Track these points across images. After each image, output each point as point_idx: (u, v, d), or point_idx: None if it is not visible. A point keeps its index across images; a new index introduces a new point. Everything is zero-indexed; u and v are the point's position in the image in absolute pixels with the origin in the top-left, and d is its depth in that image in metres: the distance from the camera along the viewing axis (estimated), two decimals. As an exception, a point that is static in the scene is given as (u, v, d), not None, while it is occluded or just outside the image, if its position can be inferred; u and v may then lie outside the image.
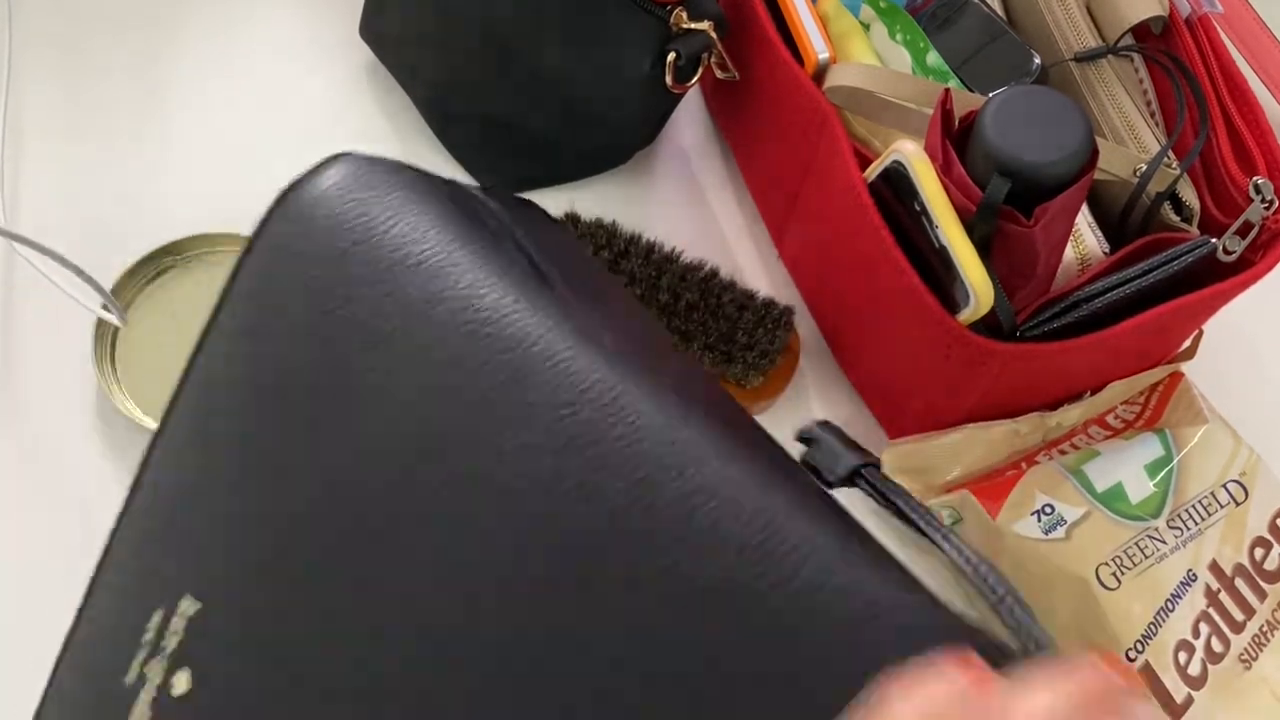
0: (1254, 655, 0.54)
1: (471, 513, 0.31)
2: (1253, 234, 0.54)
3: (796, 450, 0.40)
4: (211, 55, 0.73)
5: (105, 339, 0.61)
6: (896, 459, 0.58)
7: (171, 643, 0.34)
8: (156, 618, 0.34)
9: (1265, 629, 0.54)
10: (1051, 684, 0.27)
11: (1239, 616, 0.54)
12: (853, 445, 0.43)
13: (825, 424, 0.45)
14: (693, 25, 0.59)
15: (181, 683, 0.33)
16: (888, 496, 0.40)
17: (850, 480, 0.43)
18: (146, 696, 0.34)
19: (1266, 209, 0.54)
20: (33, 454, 0.60)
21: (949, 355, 0.53)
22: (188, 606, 0.34)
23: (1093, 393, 0.60)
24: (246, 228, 0.64)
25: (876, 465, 0.43)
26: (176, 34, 0.73)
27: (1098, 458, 0.58)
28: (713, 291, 0.61)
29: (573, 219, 0.62)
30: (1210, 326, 0.61)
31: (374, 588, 0.31)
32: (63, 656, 0.37)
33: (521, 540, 0.30)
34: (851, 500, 0.38)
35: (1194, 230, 0.56)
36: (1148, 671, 0.53)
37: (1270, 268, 0.54)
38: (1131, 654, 0.53)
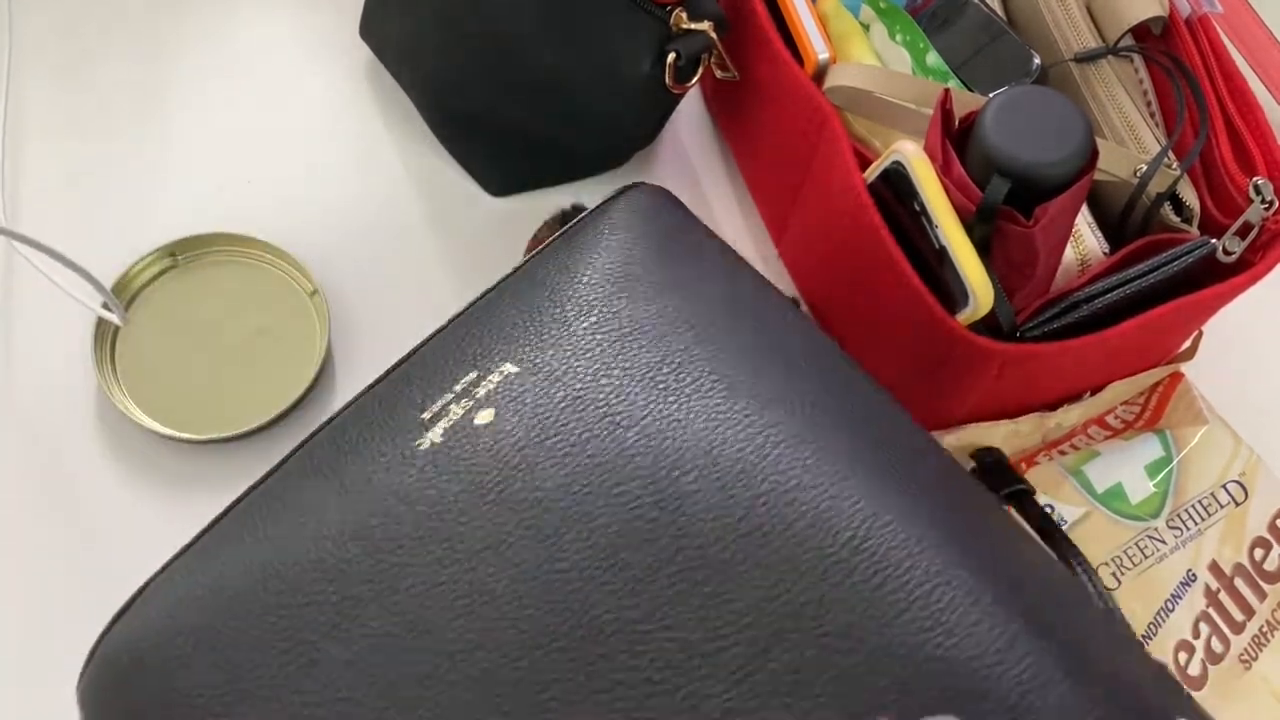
0: (1254, 655, 0.54)
1: None
2: (1252, 235, 0.54)
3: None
4: (211, 55, 0.73)
5: (105, 338, 0.61)
6: (896, 459, 0.58)
7: (482, 391, 0.41)
8: (472, 375, 0.42)
9: (1265, 629, 0.54)
10: None
11: (1239, 617, 0.54)
12: (1012, 475, 0.53)
13: (990, 450, 0.53)
14: (692, 25, 0.59)
15: (485, 416, 0.41)
16: (1043, 525, 0.49)
17: (1008, 500, 0.52)
18: (444, 425, 0.41)
19: (1266, 209, 0.54)
20: (33, 454, 0.60)
21: (949, 355, 0.53)
22: (509, 368, 0.42)
23: (1093, 393, 0.60)
24: (246, 228, 0.65)
25: (1032, 492, 0.51)
26: (176, 34, 0.74)
27: (1097, 458, 0.58)
28: None
29: (577, 209, 0.62)
30: (1211, 327, 0.61)
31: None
32: (366, 397, 0.43)
33: None
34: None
35: (1194, 231, 0.56)
36: (1147, 672, 0.53)
37: (1270, 268, 0.53)
38: (1131, 654, 0.54)
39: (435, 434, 0.41)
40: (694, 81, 0.62)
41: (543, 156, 0.67)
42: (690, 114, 0.74)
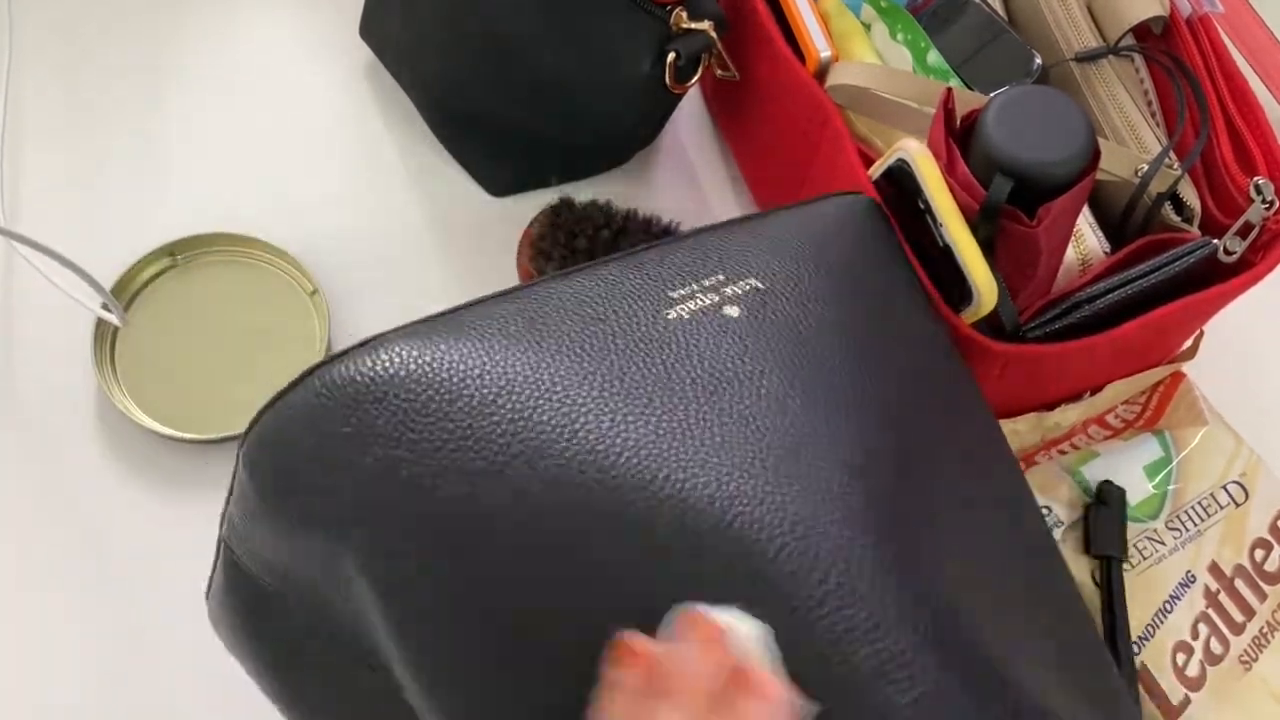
0: (1254, 656, 0.54)
1: None
2: (1253, 234, 0.54)
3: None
4: (211, 56, 0.73)
5: (105, 339, 0.61)
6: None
7: (730, 290, 0.44)
8: (720, 276, 0.45)
9: (1265, 630, 0.54)
10: None
11: (1239, 618, 0.54)
12: (1122, 537, 0.56)
13: (1123, 496, 0.56)
14: (693, 25, 0.59)
15: (733, 311, 0.43)
16: (1112, 593, 0.53)
17: (1100, 557, 0.55)
18: (692, 306, 0.43)
19: (1267, 209, 0.54)
20: (33, 453, 0.60)
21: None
22: (755, 283, 0.45)
23: (1093, 393, 0.60)
24: (246, 228, 0.65)
25: (1124, 559, 0.54)
26: (176, 35, 0.73)
27: (1096, 459, 0.58)
28: None
29: (567, 204, 0.62)
30: (1212, 327, 0.61)
31: None
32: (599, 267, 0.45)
33: None
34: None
35: (1195, 231, 0.56)
36: (1143, 673, 0.53)
37: (1271, 268, 0.54)
38: (1129, 654, 0.54)
39: (683, 310, 0.43)
40: (694, 81, 0.62)
41: (543, 156, 0.67)
42: (690, 114, 0.73)
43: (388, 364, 0.39)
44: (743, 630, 0.34)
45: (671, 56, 0.60)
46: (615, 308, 0.43)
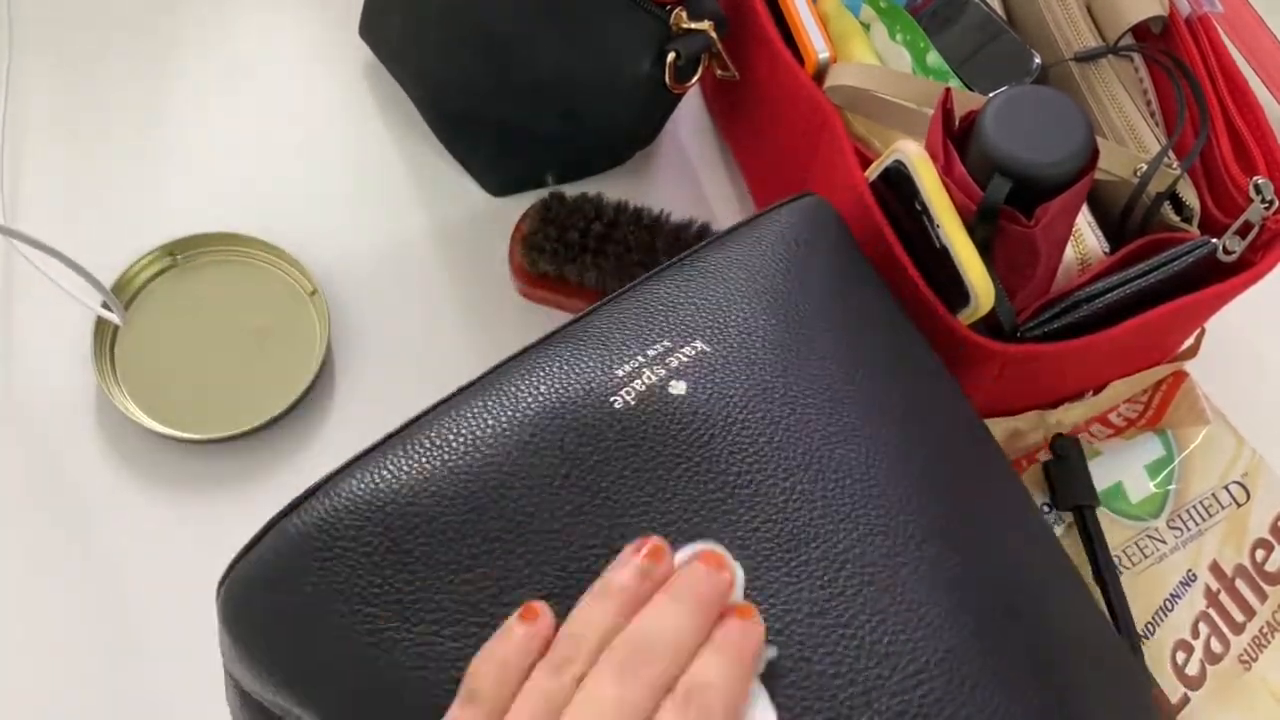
0: (1254, 656, 0.54)
1: None
2: (1253, 234, 0.54)
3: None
4: (211, 56, 0.73)
5: (105, 338, 0.61)
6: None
7: (675, 361, 0.42)
8: (665, 344, 0.43)
9: (1265, 630, 0.54)
10: None
11: (1239, 617, 0.54)
12: (1088, 482, 0.55)
13: (1078, 445, 0.55)
14: (692, 25, 0.59)
15: (680, 388, 0.41)
16: (1091, 540, 0.51)
17: (1070, 509, 0.54)
18: (638, 386, 0.41)
19: (1267, 209, 0.54)
20: (33, 453, 0.60)
21: (949, 355, 0.53)
22: (700, 345, 0.42)
23: (1095, 392, 0.60)
24: (246, 228, 0.65)
25: (1095, 506, 0.53)
26: (176, 35, 0.74)
27: (1098, 457, 0.58)
28: None
29: (558, 198, 0.63)
30: (1214, 326, 0.60)
31: None
32: (543, 345, 0.44)
33: None
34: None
35: (1194, 230, 0.56)
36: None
37: (1270, 268, 0.53)
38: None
39: (628, 395, 0.41)
40: (694, 81, 0.62)
41: (542, 156, 0.67)
42: (690, 114, 0.74)
43: (338, 511, 0.39)
44: (737, 569, 0.37)
45: (671, 56, 0.60)
46: (566, 413, 0.41)
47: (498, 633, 0.35)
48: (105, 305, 0.61)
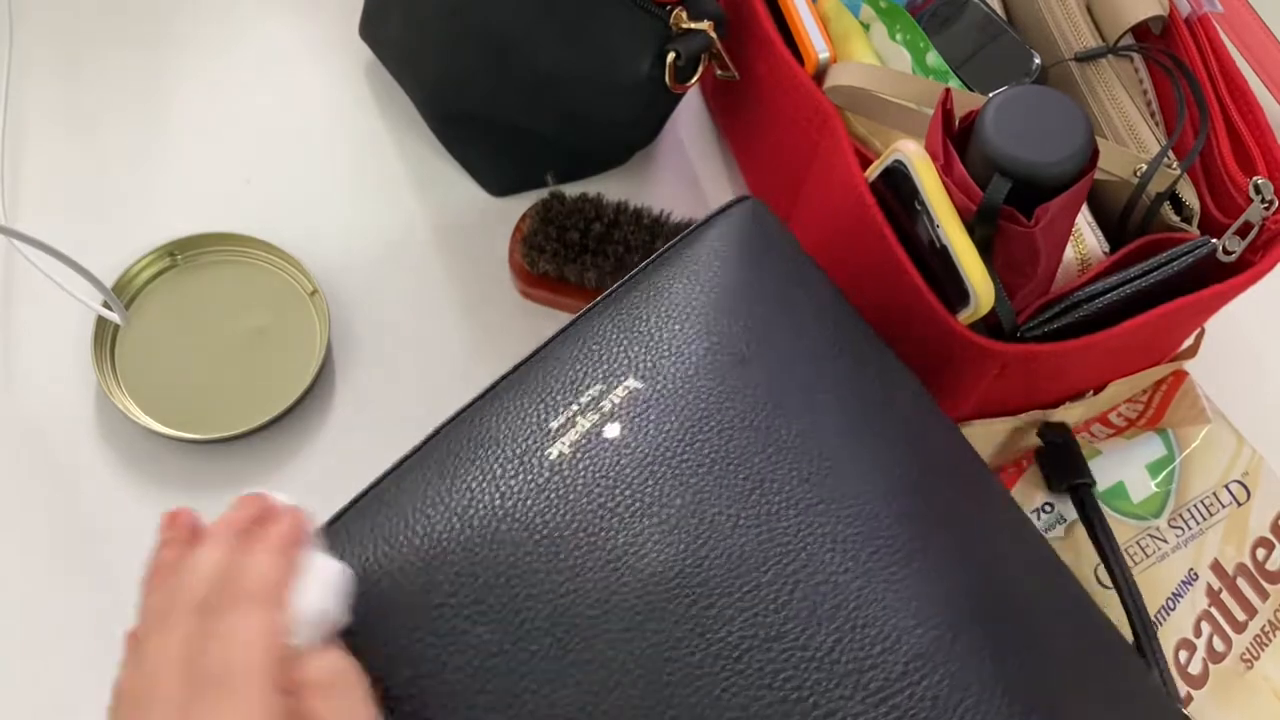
0: (1256, 655, 0.54)
1: None
2: (1252, 234, 0.54)
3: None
4: (211, 56, 0.73)
5: (105, 338, 0.61)
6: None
7: (608, 404, 0.42)
8: (597, 388, 0.42)
9: (1267, 629, 0.54)
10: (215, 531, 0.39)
11: (1241, 616, 0.54)
12: (1082, 463, 0.54)
13: (1066, 428, 0.55)
14: (693, 25, 0.59)
15: (613, 431, 0.41)
16: (1091, 519, 0.50)
17: (1068, 490, 0.52)
18: (573, 436, 0.41)
19: (1266, 209, 0.54)
20: (33, 454, 0.60)
21: (949, 355, 0.53)
22: (632, 383, 0.42)
23: (1095, 391, 0.60)
24: (247, 228, 0.65)
25: (1092, 484, 0.52)
26: (177, 35, 0.74)
27: (1099, 457, 0.58)
28: None
29: (558, 198, 0.63)
30: (1213, 325, 0.61)
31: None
32: (475, 408, 0.44)
33: None
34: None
35: (1194, 230, 0.56)
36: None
37: (1270, 268, 0.53)
38: (1130, 653, 0.54)
39: (564, 445, 0.41)
40: (694, 81, 0.62)
41: (542, 156, 0.67)
42: (690, 114, 0.74)
43: None
44: (278, 496, 0.41)
45: (671, 57, 0.60)
46: (502, 480, 0.41)
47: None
48: (106, 305, 0.61)
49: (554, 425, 0.42)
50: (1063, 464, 0.57)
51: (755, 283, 0.46)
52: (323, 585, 0.38)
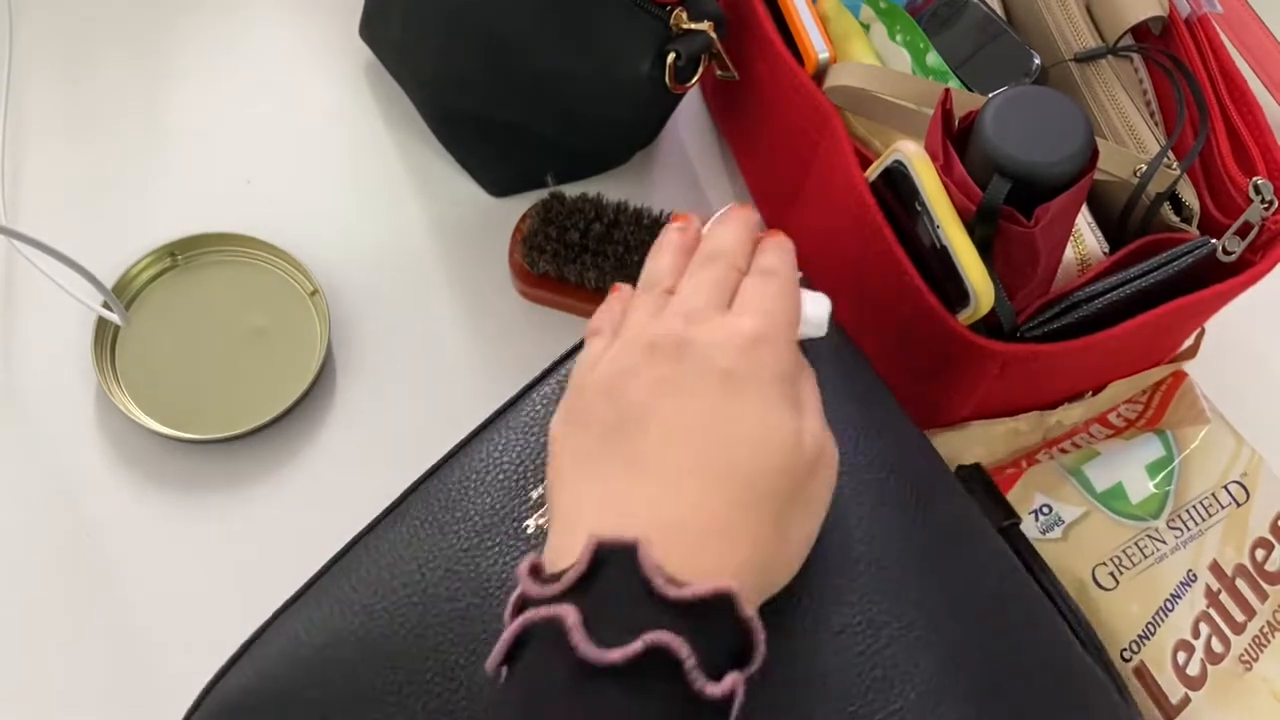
0: (1254, 656, 0.54)
1: None
2: (1252, 234, 0.54)
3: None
4: (211, 56, 0.73)
5: (105, 338, 0.61)
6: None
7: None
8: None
9: (1266, 630, 0.54)
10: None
11: (1239, 617, 0.54)
12: (1002, 501, 0.53)
13: (973, 469, 0.55)
14: (693, 25, 0.59)
15: None
16: (1023, 555, 0.49)
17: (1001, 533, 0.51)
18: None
19: (1266, 209, 0.54)
20: (33, 454, 0.60)
21: (949, 355, 0.53)
22: None
23: (1094, 392, 0.60)
24: (247, 228, 0.65)
25: (1018, 522, 0.53)
26: (177, 34, 0.74)
27: (1098, 457, 0.58)
28: None
29: (558, 198, 0.63)
30: (1213, 326, 0.61)
31: None
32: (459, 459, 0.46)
33: None
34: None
35: (1194, 231, 0.56)
36: (1143, 671, 0.53)
37: (1270, 268, 0.53)
38: (1126, 654, 0.53)
39: (542, 518, 0.43)
40: (694, 82, 0.62)
41: (543, 156, 0.67)
42: (690, 114, 0.74)
43: (269, 659, 0.42)
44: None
45: (671, 57, 0.60)
46: (479, 539, 0.43)
47: (660, 242, 0.44)
48: (106, 305, 0.61)
49: (535, 494, 0.44)
50: (987, 504, 0.56)
51: None
52: (811, 298, 0.44)
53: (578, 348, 0.47)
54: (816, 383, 0.40)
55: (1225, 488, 0.57)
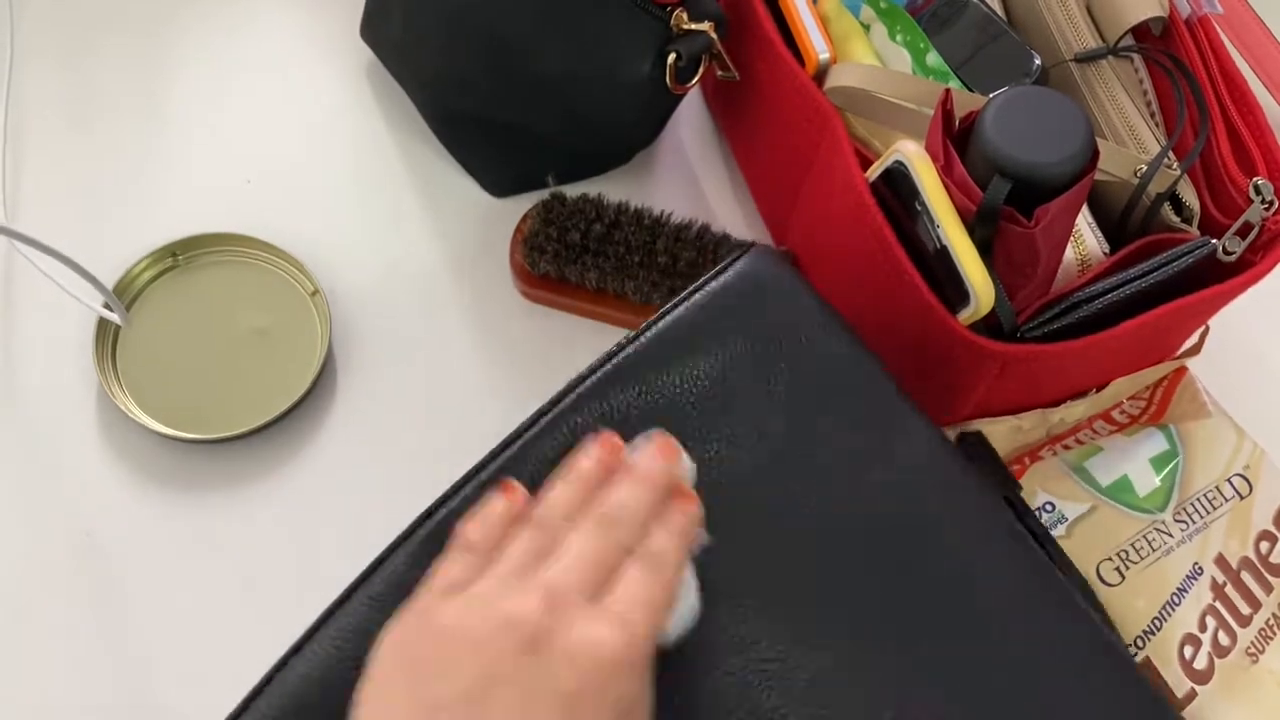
0: (1260, 649, 0.54)
1: None
2: (1253, 235, 0.54)
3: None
4: (212, 56, 0.73)
5: (106, 338, 0.61)
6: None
7: None
8: None
9: (1271, 622, 0.54)
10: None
11: (1245, 610, 0.54)
12: (1002, 469, 0.55)
13: (980, 437, 0.56)
14: (693, 26, 0.59)
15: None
16: (1024, 519, 0.51)
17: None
18: None
19: (1266, 210, 0.54)
20: (33, 454, 0.60)
21: (950, 355, 0.53)
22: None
23: (1097, 390, 0.60)
24: (247, 228, 0.65)
25: (1018, 490, 0.54)
26: (177, 35, 0.74)
27: (1100, 453, 0.58)
28: (708, 247, 0.63)
29: (559, 198, 0.63)
30: (1215, 323, 0.61)
31: None
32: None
33: None
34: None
35: (1194, 231, 0.56)
36: (1149, 666, 0.53)
37: (1270, 268, 0.54)
38: (1132, 649, 0.53)
39: None
40: (694, 82, 0.62)
41: (543, 157, 0.67)
42: (690, 114, 0.74)
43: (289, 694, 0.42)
44: (687, 461, 0.43)
45: (672, 57, 0.60)
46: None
47: (481, 502, 0.42)
48: (107, 305, 0.61)
49: None
50: (990, 474, 0.56)
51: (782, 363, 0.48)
52: (690, 590, 0.41)
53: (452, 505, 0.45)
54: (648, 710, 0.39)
55: (1229, 481, 0.57)
